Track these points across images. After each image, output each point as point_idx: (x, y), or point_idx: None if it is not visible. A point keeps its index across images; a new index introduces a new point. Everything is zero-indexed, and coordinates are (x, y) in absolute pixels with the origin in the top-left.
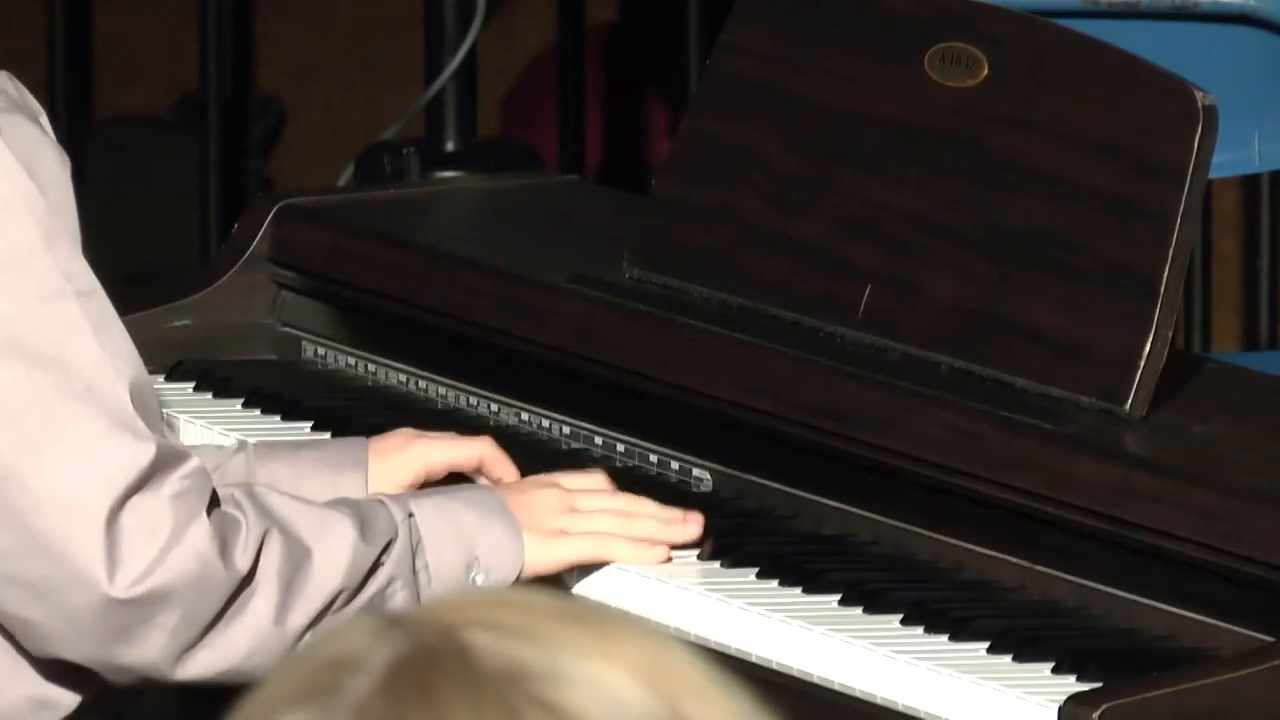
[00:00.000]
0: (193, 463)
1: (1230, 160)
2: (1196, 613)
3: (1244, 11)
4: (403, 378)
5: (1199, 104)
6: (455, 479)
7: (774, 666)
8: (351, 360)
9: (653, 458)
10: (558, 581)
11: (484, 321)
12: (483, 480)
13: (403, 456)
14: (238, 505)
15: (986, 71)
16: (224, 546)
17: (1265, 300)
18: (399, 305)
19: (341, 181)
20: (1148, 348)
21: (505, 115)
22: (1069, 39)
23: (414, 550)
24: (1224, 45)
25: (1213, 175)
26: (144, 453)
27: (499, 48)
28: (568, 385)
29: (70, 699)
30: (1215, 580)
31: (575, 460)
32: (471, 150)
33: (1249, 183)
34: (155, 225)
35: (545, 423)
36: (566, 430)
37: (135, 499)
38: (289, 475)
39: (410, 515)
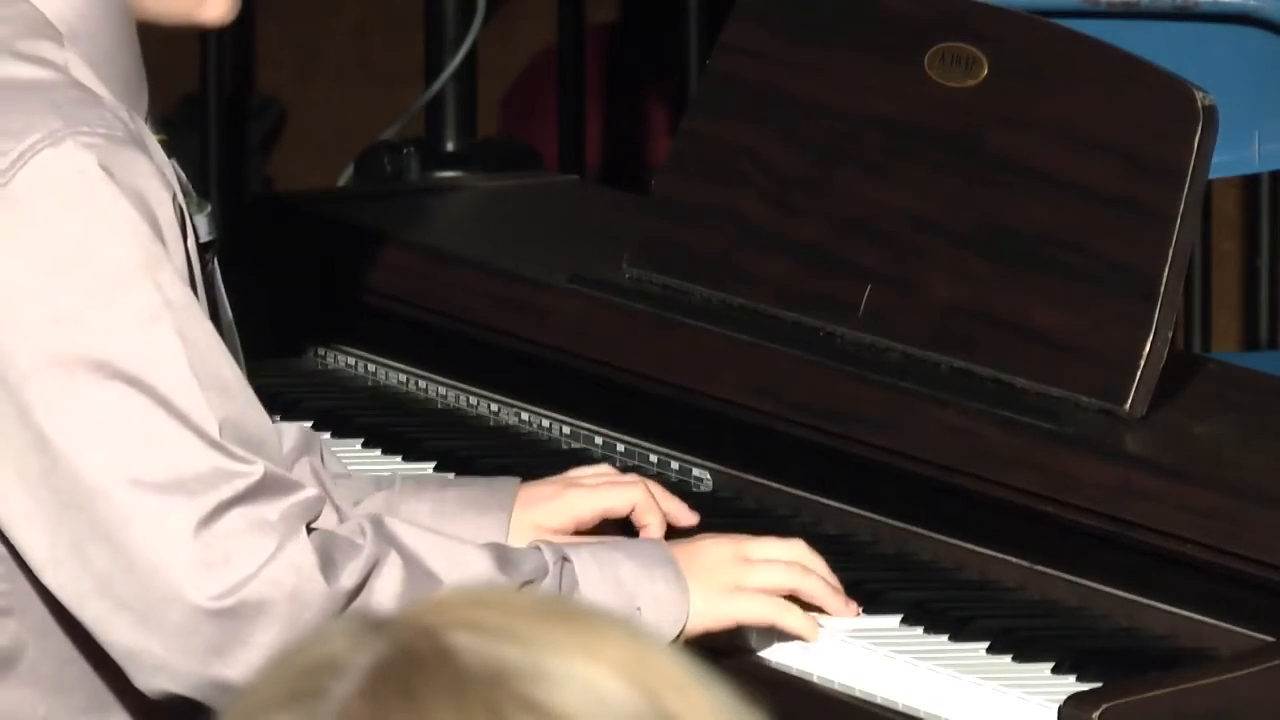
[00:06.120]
0: (305, 493)
1: (1230, 160)
2: (1196, 613)
3: (1244, 11)
4: (403, 378)
5: (1199, 104)
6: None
7: (773, 666)
8: (351, 360)
9: (653, 458)
10: None
11: (484, 321)
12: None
13: (552, 505)
14: (360, 532)
15: (986, 71)
16: (328, 563)
17: (1265, 300)
18: (399, 305)
19: (341, 181)
20: (1148, 348)
21: (505, 115)
22: (1069, 39)
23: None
24: (1224, 45)
25: (1213, 175)
26: (242, 475)
27: (499, 48)
28: (568, 385)
29: None
30: (1215, 580)
31: (575, 460)
32: (471, 150)
33: (1249, 183)
34: None
35: (545, 423)
36: (566, 430)
37: (228, 517)
38: (430, 513)
39: (565, 559)
